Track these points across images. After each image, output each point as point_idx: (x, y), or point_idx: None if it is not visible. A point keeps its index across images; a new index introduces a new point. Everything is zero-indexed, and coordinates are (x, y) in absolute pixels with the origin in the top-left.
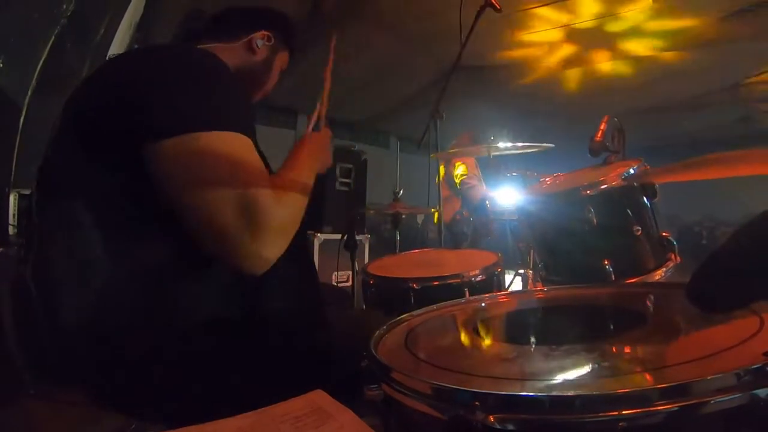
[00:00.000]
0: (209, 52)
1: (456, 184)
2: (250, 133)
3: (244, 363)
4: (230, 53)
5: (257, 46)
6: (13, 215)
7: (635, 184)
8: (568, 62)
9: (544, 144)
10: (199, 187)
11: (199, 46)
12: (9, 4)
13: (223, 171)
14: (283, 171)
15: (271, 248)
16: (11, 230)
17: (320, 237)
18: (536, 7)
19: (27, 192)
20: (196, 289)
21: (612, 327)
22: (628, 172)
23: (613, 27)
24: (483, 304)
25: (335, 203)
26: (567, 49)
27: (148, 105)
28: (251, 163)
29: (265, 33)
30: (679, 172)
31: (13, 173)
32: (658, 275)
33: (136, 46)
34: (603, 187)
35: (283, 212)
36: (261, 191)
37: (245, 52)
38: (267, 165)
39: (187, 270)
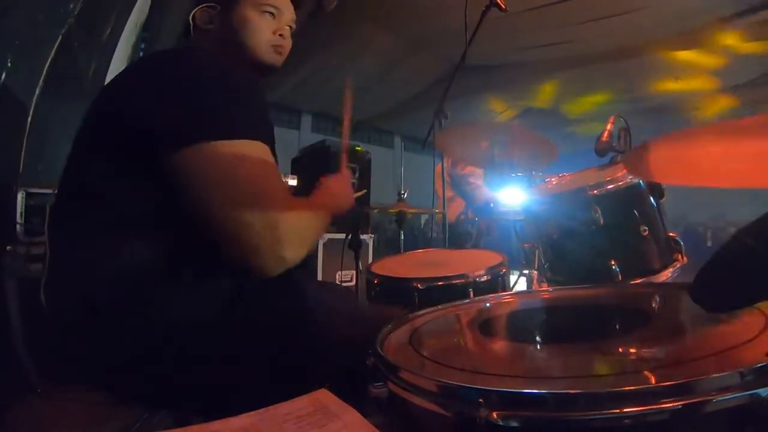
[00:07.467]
0: (225, 59)
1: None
2: (268, 139)
3: (247, 362)
4: (210, 38)
5: (206, 20)
6: (21, 214)
7: (642, 183)
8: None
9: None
10: (219, 194)
11: (212, 51)
12: (16, 4)
13: (241, 178)
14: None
15: (291, 250)
16: (18, 228)
17: (324, 236)
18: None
19: (34, 190)
20: (202, 288)
21: (617, 326)
22: None
23: None
24: (488, 304)
25: None
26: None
27: (167, 113)
28: (268, 170)
29: (205, 7)
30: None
31: (20, 172)
32: (665, 276)
33: (142, 46)
34: (610, 187)
35: (298, 218)
36: (279, 197)
37: (204, 32)
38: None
39: (194, 269)
